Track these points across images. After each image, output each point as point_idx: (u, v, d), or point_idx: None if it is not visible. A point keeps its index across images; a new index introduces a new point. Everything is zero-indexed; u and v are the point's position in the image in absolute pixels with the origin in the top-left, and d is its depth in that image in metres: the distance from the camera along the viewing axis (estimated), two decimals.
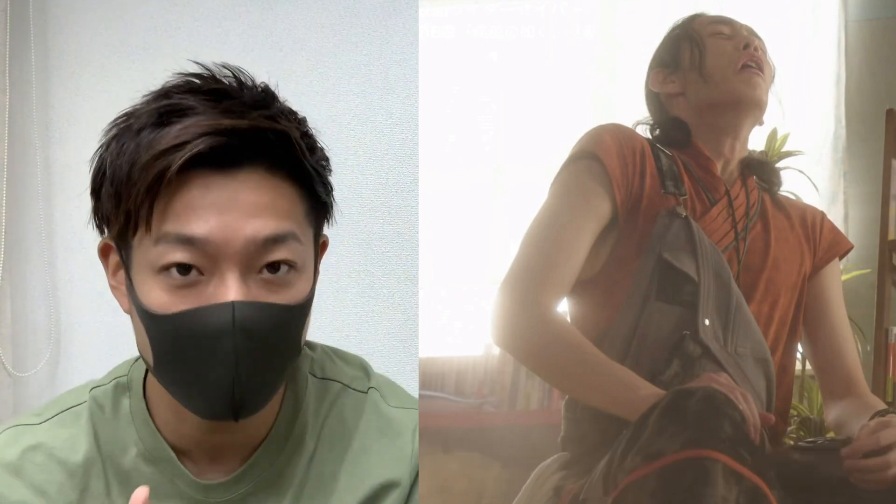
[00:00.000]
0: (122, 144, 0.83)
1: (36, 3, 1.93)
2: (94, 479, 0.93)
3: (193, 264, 0.81)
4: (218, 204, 0.80)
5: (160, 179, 0.79)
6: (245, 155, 0.82)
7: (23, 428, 0.94)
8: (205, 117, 0.81)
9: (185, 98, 0.83)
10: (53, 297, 1.91)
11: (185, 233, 0.80)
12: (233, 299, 0.80)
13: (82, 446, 0.93)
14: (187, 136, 0.80)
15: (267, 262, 0.83)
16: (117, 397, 0.95)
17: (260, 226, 0.81)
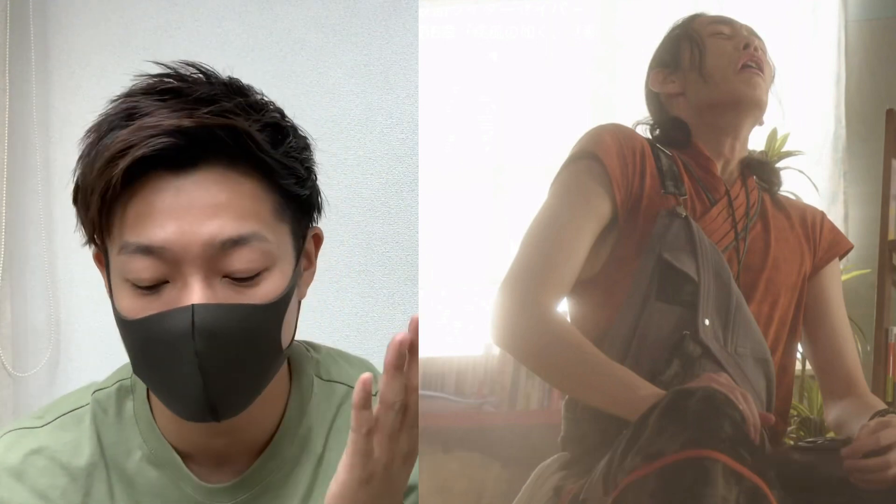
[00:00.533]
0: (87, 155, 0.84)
1: (36, 3, 1.93)
2: (97, 483, 0.92)
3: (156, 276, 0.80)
4: (173, 207, 0.79)
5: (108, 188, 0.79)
6: (200, 154, 0.80)
7: (24, 431, 0.94)
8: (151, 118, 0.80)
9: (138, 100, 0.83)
10: (53, 297, 1.91)
11: (142, 242, 0.80)
12: (194, 303, 0.79)
13: (85, 450, 0.92)
14: (132, 139, 0.79)
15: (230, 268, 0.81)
16: (120, 400, 0.94)
17: (217, 228, 0.80)
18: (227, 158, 0.82)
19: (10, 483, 0.91)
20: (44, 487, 0.90)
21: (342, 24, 1.78)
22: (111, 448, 0.93)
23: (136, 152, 0.78)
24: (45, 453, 0.92)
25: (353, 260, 1.78)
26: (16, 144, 1.92)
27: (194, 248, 0.79)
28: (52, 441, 0.93)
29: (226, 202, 0.80)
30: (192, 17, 1.85)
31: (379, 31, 1.77)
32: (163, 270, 0.80)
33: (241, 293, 0.82)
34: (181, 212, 0.79)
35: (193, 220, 0.79)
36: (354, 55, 1.77)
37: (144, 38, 1.89)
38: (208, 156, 0.81)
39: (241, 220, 0.81)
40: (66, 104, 1.94)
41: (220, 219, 0.80)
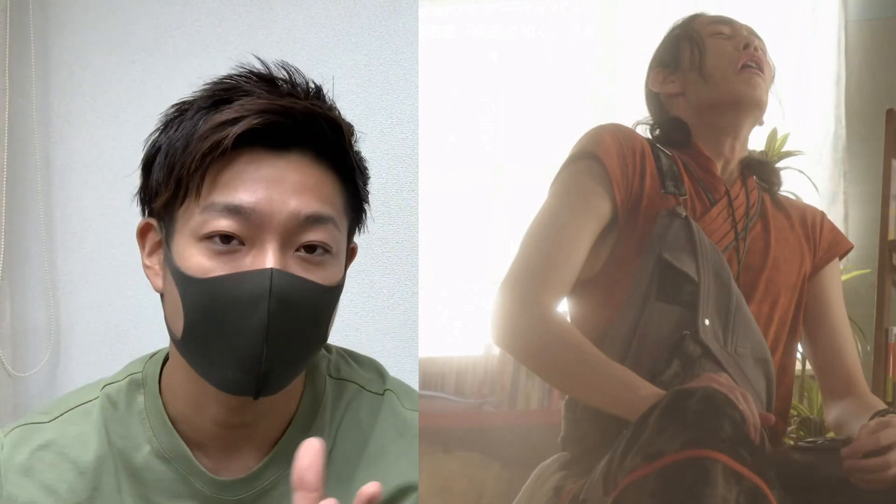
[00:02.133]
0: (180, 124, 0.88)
1: (36, 3, 1.93)
2: (106, 477, 0.92)
3: (236, 234, 0.84)
4: (266, 179, 0.85)
5: (215, 148, 0.83)
6: (296, 138, 0.87)
7: (32, 427, 0.94)
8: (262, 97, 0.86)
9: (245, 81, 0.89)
10: (53, 297, 1.91)
11: (232, 202, 0.84)
12: (271, 266, 0.83)
13: (93, 444, 0.93)
14: (244, 111, 0.84)
15: (305, 240, 0.86)
16: (131, 394, 0.95)
17: (303, 203, 0.85)
18: (317, 149, 0.88)
19: (18, 479, 0.91)
20: (51, 482, 0.91)
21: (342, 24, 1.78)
22: (120, 442, 0.93)
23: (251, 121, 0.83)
24: (52, 448, 0.92)
25: None
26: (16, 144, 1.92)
27: (279, 216, 0.84)
28: (59, 435, 0.93)
29: (312, 184, 0.87)
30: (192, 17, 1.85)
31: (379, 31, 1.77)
32: (244, 231, 0.84)
33: (308, 270, 0.86)
34: (273, 183, 0.84)
35: (283, 192, 0.85)
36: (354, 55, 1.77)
37: (144, 38, 1.89)
38: (303, 142, 0.87)
39: (322, 202, 0.87)
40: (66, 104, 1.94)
41: (306, 197, 0.86)
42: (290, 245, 0.86)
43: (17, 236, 1.92)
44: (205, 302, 0.84)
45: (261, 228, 0.84)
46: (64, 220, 1.92)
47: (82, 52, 1.93)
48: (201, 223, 0.84)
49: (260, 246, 0.84)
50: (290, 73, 0.92)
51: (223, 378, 0.86)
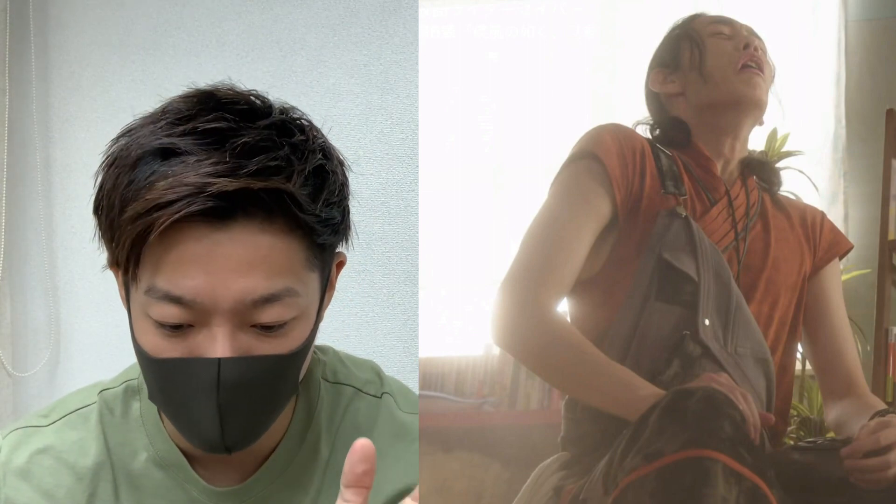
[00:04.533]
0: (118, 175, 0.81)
1: (36, 3, 1.93)
2: (103, 483, 0.92)
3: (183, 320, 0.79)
4: (207, 260, 0.78)
5: (145, 236, 0.78)
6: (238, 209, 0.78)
7: (31, 430, 0.93)
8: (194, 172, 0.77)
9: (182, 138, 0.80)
10: (53, 297, 1.91)
11: (172, 291, 0.78)
12: (220, 356, 0.79)
13: (91, 450, 0.92)
14: (174, 194, 0.76)
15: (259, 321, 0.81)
16: (127, 400, 0.94)
17: (251, 285, 0.79)
18: (266, 213, 0.80)
19: (16, 483, 0.91)
20: (49, 487, 0.90)
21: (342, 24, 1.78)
22: (117, 448, 0.93)
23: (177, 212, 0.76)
24: (51, 452, 0.92)
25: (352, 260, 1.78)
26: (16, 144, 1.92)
27: (225, 303, 0.79)
28: (58, 440, 0.93)
29: (260, 259, 0.79)
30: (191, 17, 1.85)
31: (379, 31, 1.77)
32: (190, 318, 0.79)
33: (266, 342, 0.82)
34: (214, 266, 0.78)
35: (226, 275, 0.78)
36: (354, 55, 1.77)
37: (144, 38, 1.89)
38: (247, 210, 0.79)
39: (273, 277, 0.80)
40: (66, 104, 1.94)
41: (253, 277, 0.79)
42: (244, 323, 0.80)
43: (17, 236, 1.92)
44: (160, 381, 0.83)
45: (207, 314, 0.79)
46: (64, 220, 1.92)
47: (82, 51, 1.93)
48: (147, 304, 0.80)
49: (208, 329, 0.80)
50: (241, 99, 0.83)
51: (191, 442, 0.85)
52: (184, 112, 0.82)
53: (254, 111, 0.83)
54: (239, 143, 0.78)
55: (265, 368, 0.81)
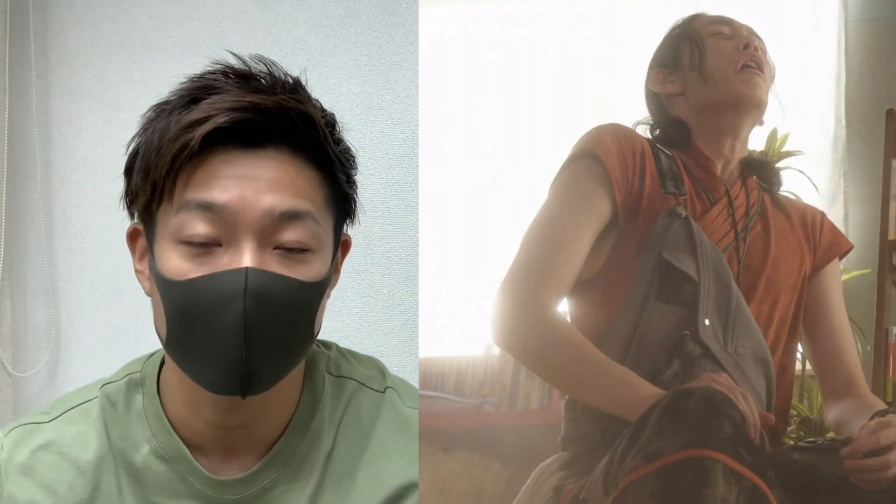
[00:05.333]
0: (155, 123, 0.87)
1: (36, 3, 1.93)
2: (106, 476, 0.92)
3: (211, 236, 0.83)
4: (239, 176, 0.84)
5: (184, 149, 0.83)
6: (269, 134, 0.85)
7: (32, 426, 0.94)
8: (231, 94, 0.85)
9: (216, 79, 0.88)
10: (53, 297, 1.91)
11: (205, 199, 0.83)
12: (247, 265, 0.82)
13: (93, 444, 0.93)
14: (212, 110, 0.83)
15: (282, 240, 0.85)
16: (130, 394, 0.95)
17: (278, 200, 0.84)
18: (293, 143, 0.87)
19: (19, 479, 0.91)
20: (51, 482, 0.91)
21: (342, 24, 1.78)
22: (119, 441, 0.93)
23: (218, 120, 0.82)
24: (52, 448, 0.92)
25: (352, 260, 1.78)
26: (16, 144, 1.92)
27: (253, 213, 0.83)
28: (59, 435, 0.93)
29: (287, 180, 0.85)
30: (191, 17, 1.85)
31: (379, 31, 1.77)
32: (219, 231, 0.83)
33: (289, 267, 0.85)
34: (246, 180, 0.84)
35: (256, 189, 0.84)
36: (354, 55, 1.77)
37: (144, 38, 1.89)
38: (277, 138, 0.86)
39: (298, 197, 0.86)
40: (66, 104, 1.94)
41: (281, 193, 0.84)
42: (268, 243, 0.85)
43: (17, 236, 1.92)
44: (183, 304, 0.84)
45: (235, 227, 0.83)
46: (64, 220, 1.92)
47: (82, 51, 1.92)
48: (178, 225, 0.84)
49: (236, 245, 0.84)
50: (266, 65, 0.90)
51: (207, 379, 0.86)
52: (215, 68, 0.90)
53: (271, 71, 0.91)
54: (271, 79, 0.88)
55: (288, 288, 0.84)
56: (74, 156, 1.93)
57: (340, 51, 1.77)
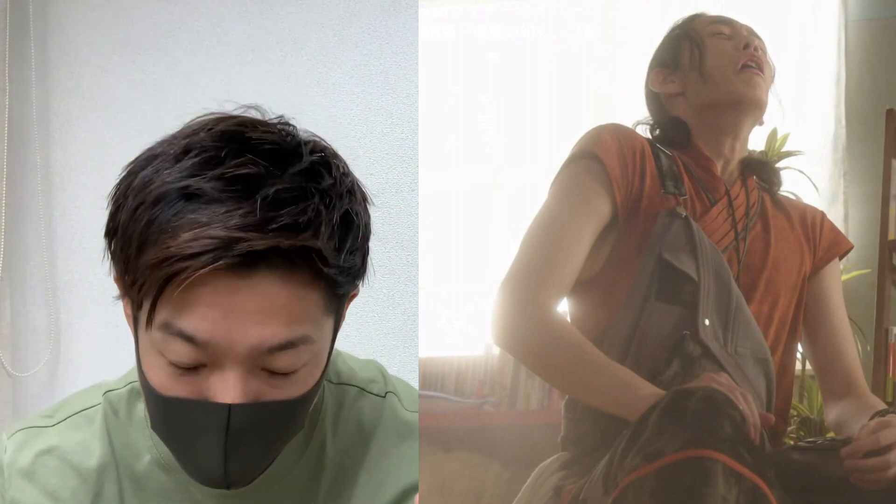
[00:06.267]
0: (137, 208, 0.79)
1: (36, 3, 1.93)
2: (108, 484, 0.92)
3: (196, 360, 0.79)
4: (225, 306, 0.76)
5: (166, 284, 0.76)
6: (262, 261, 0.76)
7: (35, 430, 0.94)
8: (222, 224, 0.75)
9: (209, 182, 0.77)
10: (53, 297, 1.91)
11: (188, 331, 0.77)
12: (230, 401, 0.78)
13: (96, 451, 0.92)
14: (200, 246, 0.74)
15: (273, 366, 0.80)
16: (132, 402, 0.94)
17: (268, 333, 0.78)
18: (288, 265, 0.78)
19: (21, 484, 0.91)
20: (54, 488, 0.91)
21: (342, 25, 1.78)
22: (121, 450, 0.92)
23: (203, 266, 0.74)
24: (55, 453, 0.92)
25: None
26: (16, 144, 1.92)
27: (241, 347, 0.78)
28: (62, 441, 0.93)
29: (278, 308, 0.78)
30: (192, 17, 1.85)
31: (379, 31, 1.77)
32: (203, 358, 0.78)
33: (277, 386, 0.81)
34: (233, 312, 0.77)
35: (244, 322, 0.77)
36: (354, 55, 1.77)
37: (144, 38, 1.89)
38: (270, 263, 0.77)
39: (291, 325, 0.79)
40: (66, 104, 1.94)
41: (271, 325, 0.78)
42: (257, 366, 0.79)
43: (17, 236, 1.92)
44: (166, 415, 0.82)
45: (221, 357, 0.78)
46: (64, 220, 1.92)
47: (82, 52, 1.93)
48: (160, 341, 0.78)
49: (221, 370, 0.78)
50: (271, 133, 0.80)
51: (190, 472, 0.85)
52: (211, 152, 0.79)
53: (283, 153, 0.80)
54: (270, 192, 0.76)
55: (275, 413, 0.81)
56: (74, 156, 1.93)
57: (340, 51, 1.77)
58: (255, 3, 1.81)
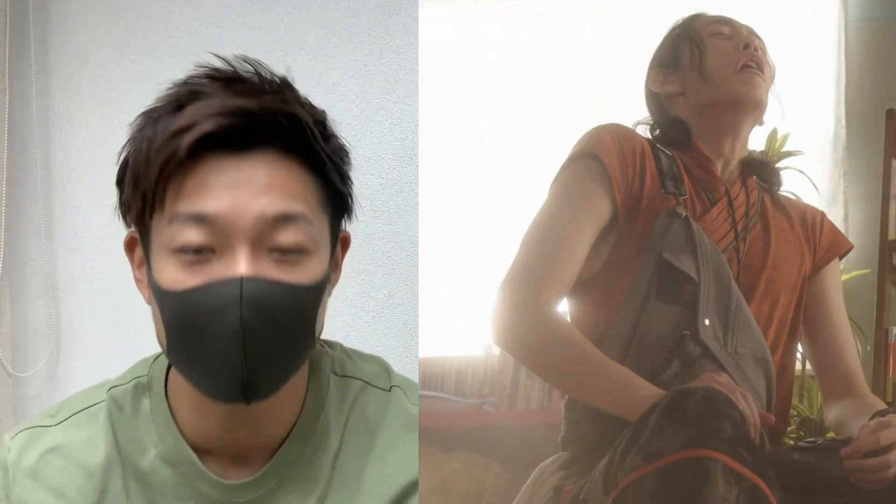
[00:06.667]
0: (143, 132, 0.86)
1: (36, 3, 1.93)
2: (113, 480, 0.92)
3: (205, 244, 0.82)
4: (229, 183, 0.83)
5: (172, 158, 0.82)
6: (257, 137, 0.84)
7: (39, 430, 0.94)
8: (217, 99, 0.84)
9: (202, 84, 0.86)
10: (53, 297, 1.91)
11: (196, 210, 0.82)
12: (241, 274, 0.81)
13: (101, 447, 0.93)
14: (197, 116, 0.82)
15: (277, 243, 0.84)
16: (137, 397, 0.95)
17: (269, 203, 0.83)
18: (282, 145, 0.85)
19: (27, 483, 0.92)
20: (60, 486, 0.92)
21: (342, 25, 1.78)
22: (126, 445, 0.93)
23: (203, 127, 0.81)
24: (60, 452, 0.93)
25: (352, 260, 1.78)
26: (16, 144, 1.92)
27: (246, 220, 0.82)
28: (67, 439, 0.93)
29: (278, 183, 0.84)
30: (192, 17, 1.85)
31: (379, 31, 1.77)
32: (212, 239, 0.82)
33: (285, 271, 0.84)
34: (236, 187, 0.83)
35: (248, 195, 0.83)
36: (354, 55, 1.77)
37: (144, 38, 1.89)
38: (265, 140, 0.84)
39: (290, 199, 0.85)
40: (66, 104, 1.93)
41: (272, 196, 0.83)
42: (263, 247, 0.84)
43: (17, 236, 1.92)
44: (180, 314, 0.84)
45: (228, 234, 0.82)
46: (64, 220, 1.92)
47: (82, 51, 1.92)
48: (171, 235, 0.83)
49: (230, 252, 0.83)
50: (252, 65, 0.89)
51: (209, 388, 0.86)
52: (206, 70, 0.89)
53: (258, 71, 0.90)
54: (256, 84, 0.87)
55: (284, 294, 0.83)
56: (74, 156, 1.93)
57: (340, 51, 1.77)
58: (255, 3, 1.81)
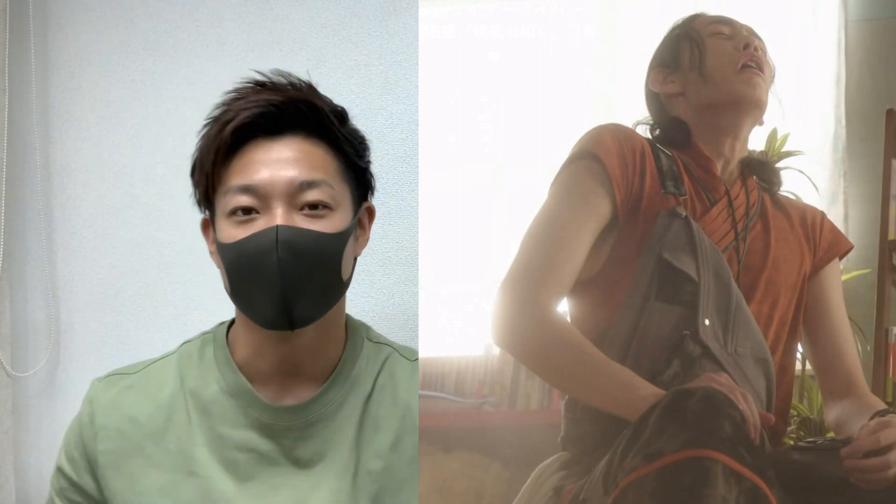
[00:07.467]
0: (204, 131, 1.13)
1: (36, 3, 1.92)
2: (178, 411, 1.15)
3: (252, 206, 1.08)
4: (266, 160, 1.09)
5: (222, 145, 1.09)
6: (285, 123, 1.10)
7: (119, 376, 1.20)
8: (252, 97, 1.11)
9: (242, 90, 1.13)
10: (53, 297, 1.91)
11: (244, 183, 1.08)
12: (277, 224, 1.06)
13: (168, 385, 1.17)
14: (237, 111, 1.09)
15: (305, 200, 1.08)
16: (203, 347, 1.19)
17: (297, 172, 1.08)
18: (306, 129, 1.11)
19: (108, 410, 1.17)
20: (134, 413, 1.16)
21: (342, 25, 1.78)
22: (191, 382, 1.16)
23: (241, 117, 1.08)
24: (135, 388, 1.18)
25: None
26: (16, 144, 1.92)
27: (280, 185, 1.07)
28: (141, 380, 1.19)
29: (303, 157, 1.10)
30: (192, 17, 1.85)
31: (379, 31, 1.76)
32: (257, 202, 1.08)
33: (312, 222, 1.08)
34: (273, 162, 1.09)
35: (281, 167, 1.08)
36: (354, 55, 1.76)
37: (144, 38, 1.88)
38: (292, 126, 1.10)
39: (313, 169, 1.09)
40: (66, 104, 1.93)
41: (299, 167, 1.09)
42: (295, 206, 1.08)
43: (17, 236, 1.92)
44: (235, 260, 1.08)
45: (268, 198, 1.07)
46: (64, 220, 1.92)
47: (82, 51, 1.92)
48: (226, 203, 1.09)
49: (269, 211, 1.07)
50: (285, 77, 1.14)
51: (261, 316, 1.09)
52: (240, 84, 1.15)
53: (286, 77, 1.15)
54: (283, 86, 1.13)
55: (312, 239, 1.07)
56: (74, 156, 1.92)
57: (340, 51, 1.77)
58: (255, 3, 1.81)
